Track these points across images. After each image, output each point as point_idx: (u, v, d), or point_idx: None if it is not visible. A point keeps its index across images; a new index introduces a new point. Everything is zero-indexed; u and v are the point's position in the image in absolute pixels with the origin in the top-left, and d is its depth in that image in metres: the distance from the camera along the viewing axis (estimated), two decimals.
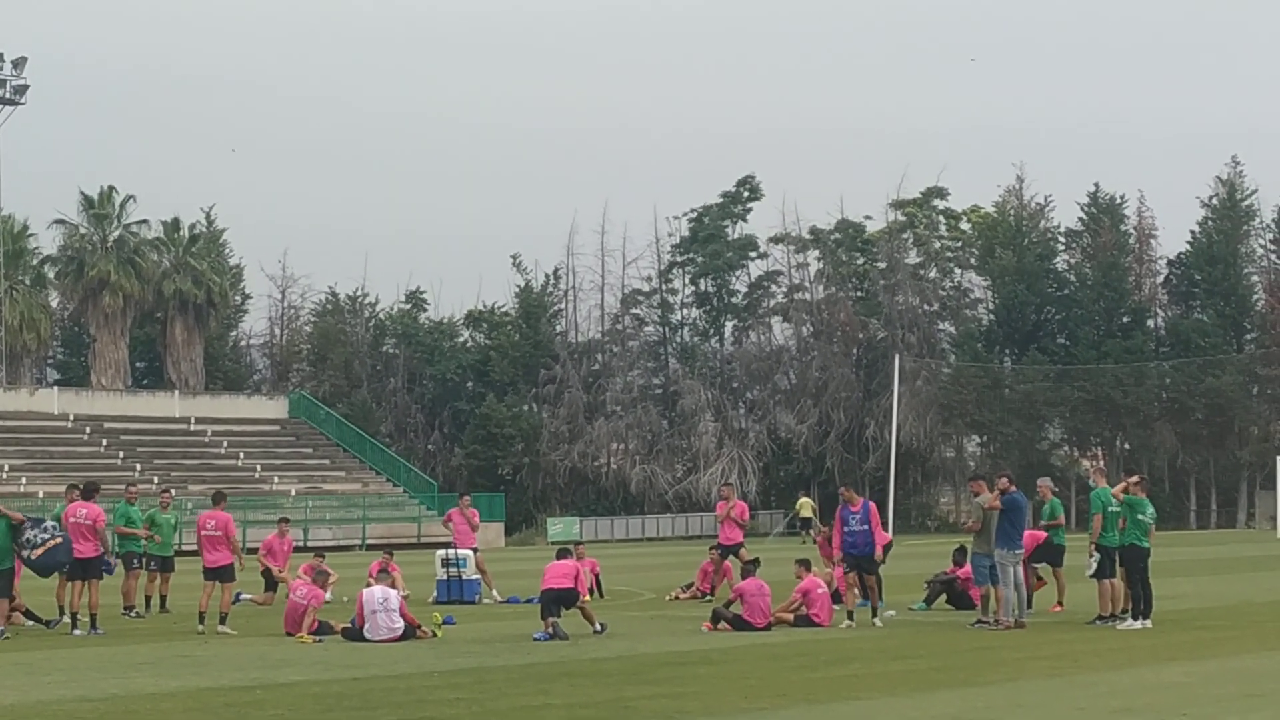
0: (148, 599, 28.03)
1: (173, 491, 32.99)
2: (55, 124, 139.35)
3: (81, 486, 25.01)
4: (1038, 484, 26.94)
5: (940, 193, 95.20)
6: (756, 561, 24.67)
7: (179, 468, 73.76)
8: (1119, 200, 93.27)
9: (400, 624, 21.72)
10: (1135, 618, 22.59)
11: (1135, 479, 23.27)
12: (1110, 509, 23.20)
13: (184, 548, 31.06)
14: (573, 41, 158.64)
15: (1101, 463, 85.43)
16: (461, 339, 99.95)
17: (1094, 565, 23.13)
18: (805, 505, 69.17)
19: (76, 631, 23.68)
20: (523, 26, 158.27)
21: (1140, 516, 22.67)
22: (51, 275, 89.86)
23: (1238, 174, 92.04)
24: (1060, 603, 25.67)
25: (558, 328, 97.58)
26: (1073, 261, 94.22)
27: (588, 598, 23.56)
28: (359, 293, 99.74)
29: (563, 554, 23.38)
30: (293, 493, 73.53)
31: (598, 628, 22.21)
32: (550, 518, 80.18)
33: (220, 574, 23.95)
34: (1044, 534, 25.83)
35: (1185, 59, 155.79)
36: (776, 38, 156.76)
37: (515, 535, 76.92)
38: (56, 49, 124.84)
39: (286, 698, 15.91)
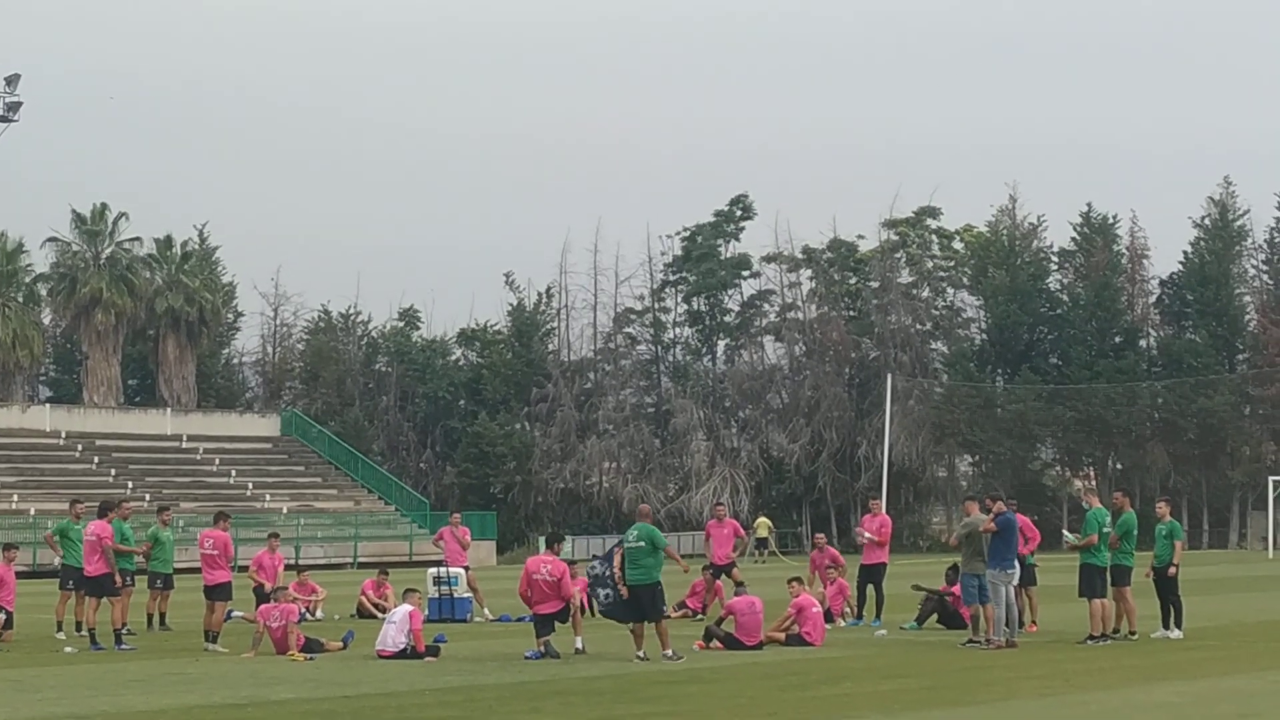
0: (149, 616, 28.08)
1: (171, 510, 32.97)
2: (48, 141, 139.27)
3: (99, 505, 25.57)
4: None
5: (933, 212, 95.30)
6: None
7: (171, 485, 73.61)
8: (1112, 220, 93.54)
9: (404, 642, 21.68)
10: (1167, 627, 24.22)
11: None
12: (1104, 529, 23.31)
13: (178, 565, 30.98)
14: (566, 60, 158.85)
15: (1093, 482, 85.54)
16: (454, 357, 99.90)
17: (1069, 538, 24.08)
18: (762, 525, 70.40)
19: (69, 649, 23.75)
20: (517, 44, 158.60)
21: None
22: (44, 292, 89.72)
23: (1230, 194, 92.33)
24: (1034, 622, 25.69)
25: (550, 346, 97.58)
26: (1065, 281, 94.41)
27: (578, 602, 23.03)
28: (351, 310, 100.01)
29: (552, 541, 23.22)
30: (284, 510, 73.39)
31: (579, 646, 22.00)
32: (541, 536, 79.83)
33: (215, 593, 24.04)
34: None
35: (1178, 79, 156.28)
36: (770, 57, 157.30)
37: (507, 554, 76.81)
38: (50, 66, 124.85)
39: (278, 715, 15.92)
